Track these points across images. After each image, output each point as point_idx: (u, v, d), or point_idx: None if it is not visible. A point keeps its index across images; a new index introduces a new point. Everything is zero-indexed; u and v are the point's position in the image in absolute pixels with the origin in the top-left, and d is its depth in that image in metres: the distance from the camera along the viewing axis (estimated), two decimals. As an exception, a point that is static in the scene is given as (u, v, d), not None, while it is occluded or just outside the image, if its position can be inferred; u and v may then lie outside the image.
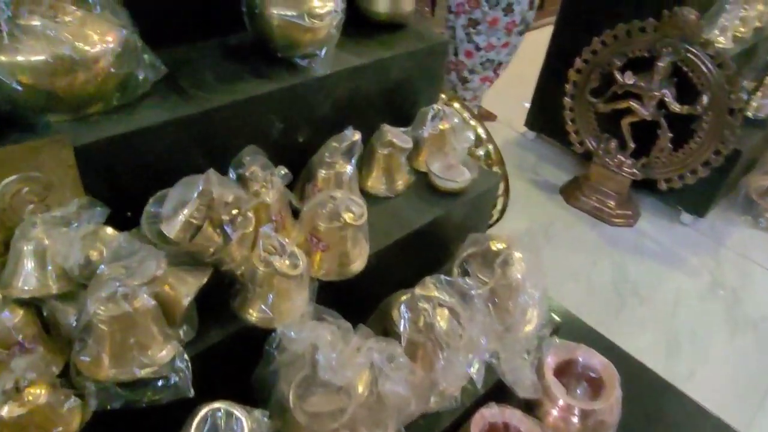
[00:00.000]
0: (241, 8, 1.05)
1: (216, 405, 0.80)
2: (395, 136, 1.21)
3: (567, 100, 2.23)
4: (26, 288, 0.78)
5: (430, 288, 1.07)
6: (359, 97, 1.17)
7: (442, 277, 1.10)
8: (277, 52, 1.08)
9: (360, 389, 0.89)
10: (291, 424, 0.88)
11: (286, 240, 0.92)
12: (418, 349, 1.04)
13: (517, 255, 1.20)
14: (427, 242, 1.24)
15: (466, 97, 2.39)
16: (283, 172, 1.01)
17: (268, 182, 0.99)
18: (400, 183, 1.25)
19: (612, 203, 2.28)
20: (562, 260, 2.05)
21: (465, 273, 1.22)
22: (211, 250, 0.86)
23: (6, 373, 0.69)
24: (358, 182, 1.16)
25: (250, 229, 0.91)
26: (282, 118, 1.07)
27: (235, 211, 0.89)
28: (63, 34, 0.78)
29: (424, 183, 1.27)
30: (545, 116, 2.59)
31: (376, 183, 1.23)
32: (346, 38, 1.15)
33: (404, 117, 1.29)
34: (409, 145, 1.22)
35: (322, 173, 1.09)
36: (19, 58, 0.75)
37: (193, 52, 1.07)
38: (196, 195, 0.84)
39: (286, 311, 0.92)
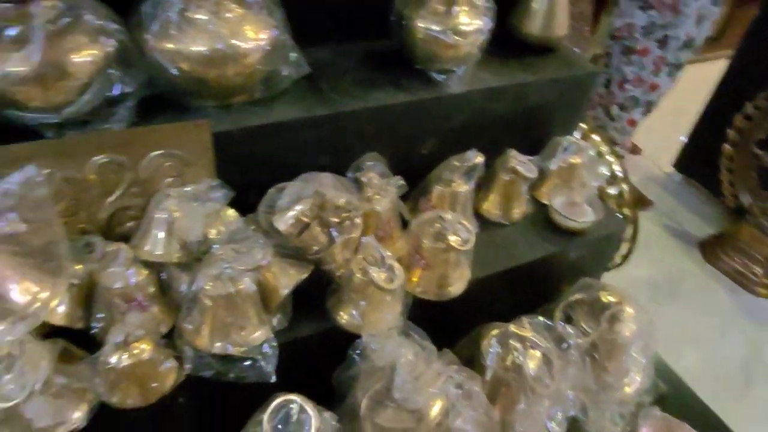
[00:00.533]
0: (390, 17, 1.07)
1: (292, 397, 0.83)
2: (520, 163, 1.16)
3: (727, 147, 2.01)
4: (153, 252, 0.86)
5: (526, 327, 1.02)
6: (491, 118, 1.15)
7: (541, 319, 1.05)
8: (416, 63, 1.08)
9: (431, 416, 0.87)
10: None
11: (388, 253, 0.92)
12: (501, 386, 1.00)
13: (629, 311, 1.11)
14: (533, 278, 1.18)
15: (613, 138, 2.23)
16: (399, 182, 1.02)
17: (383, 190, 1.01)
18: (517, 212, 1.21)
19: (759, 270, 2.02)
20: (685, 322, 1.87)
21: (568, 319, 1.15)
22: (315, 248, 0.90)
23: (120, 326, 0.78)
24: (473, 203, 1.14)
25: (356, 234, 0.93)
26: (409, 129, 1.08)
27: (344, 215, 0.91)
28: (222, 29, 0.84)
29: (542, 216, 1.22)
30: (698, 159, 2.35)
31: (491, 207, 1.20)
32: (489, 56, 1.13)
33: (535, 143, 1.24)
34: (533, 174, 1.17)
35: (438, 189, 1.09)
36: (182, 47, 0.83)
37: (336, 55, 1.11)
38: (310, 194, 0.88)
39: (375, 321, 0.93)
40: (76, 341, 0.81)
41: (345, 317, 0.94)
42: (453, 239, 0.97)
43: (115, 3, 0.83)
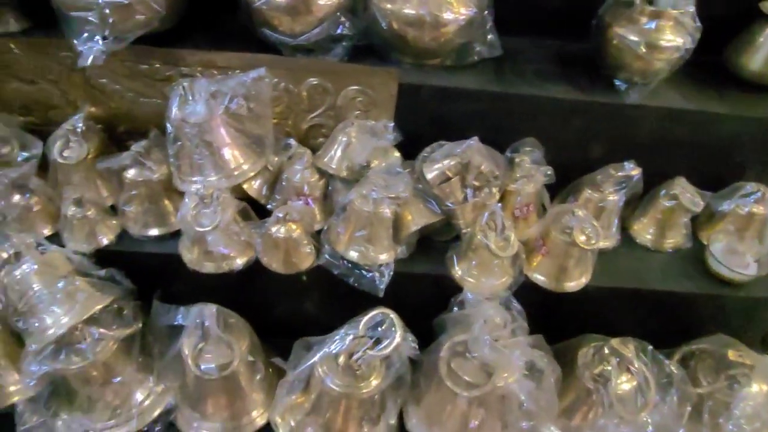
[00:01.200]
0: (591, 21, 1.12)
1: (388, 312, 0.97)
2: (686, 193, 1.13)
3: None
4: (329, 164, 1.08)
5: (629, 348, 1.02)
6: (666, 140, 1.13)
7: (651, 348, 1.03)
8: (603, 69, 1.12)
9: (498, 378, 0.94)
10: (430, 371, 1.00)
11: (508, 223, 1.01)
12: (584, 395, 1.02)
13: (759, 382, 1.03)
14: (663, 312, 1.15)
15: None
16: (548, 172, 1.09)
17: (531, 176, 1.08)
18: (670, 242, 1.17)
19: None
20: None
21: (684, 362, 1.10)
22: (450, 201, 1.02)
23: (285, 206, 1.01)
24: (620, 218, 1.15)
25: (489, 202, 1.03)
26: (577, 129, 1.13)
27: (483, 181, 1.02)
28: (432, -1, 1.00)
29: (695, 254, 1.16)
30: None
31: (642, 229, 1.19)
32: (684, 77, 1.12)
33: (711, 180, 1.18)
34: (697, 208, 1.13)
35: (587, 193, 1.12)
36: (395, 8, 1.01)
37: (530, 46, 1.20)
38: (459, 151, 1.00)
39: (480, 281, 1.03)
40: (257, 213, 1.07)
41: (458, 270, 1.05)
42: (579, 235, 1.01)
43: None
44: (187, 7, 1.02)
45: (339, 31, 1.02)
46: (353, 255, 1.02)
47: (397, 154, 1.10)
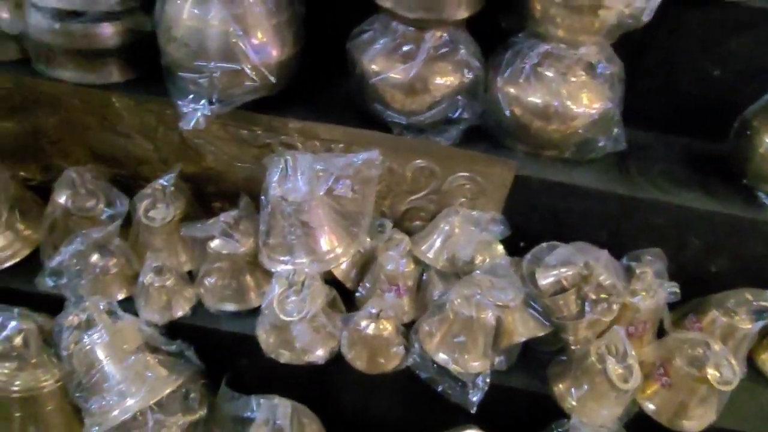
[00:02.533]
0: (732, 122, 1.01)
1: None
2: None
3: None
4: (426, 253, 0.98)
5: None
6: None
7: None
8: (744, 178, 1.00)
9: None
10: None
11: (633, 352, 0.88)
12: None
13: None
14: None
15: None
16: (674, 289, 0.96)
17: (652, 290, 0.96)
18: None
19: None
20: None
21: None
22: (563, 314, 0.91)
23: (379, 301, 0.91)
24: (749, 349, 1.00)
25: (607, 319, 0.91)
26: (705, 240, 1.00)
27: (604, 296, 0.90)
28: (562, 89, 0.91)
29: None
30: None
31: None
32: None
33: None
34: None
35: (714, 315, 0.99)
36: (522, 95, 0.92)
37: (656, 141, 1.09)
38: (580, 263, 0.89)
39: (590, 409, 0.90)
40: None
41: (562, 391, 0.93)
42: (712, 373, 0.87)
43: (486, 41, 0.96)
44: (295, 75, 0.96)
45: (455, 114, 0.94)
46: (444, 359, 0.92)
47: (501, 249, 1.00)
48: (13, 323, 0.88)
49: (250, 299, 0.97)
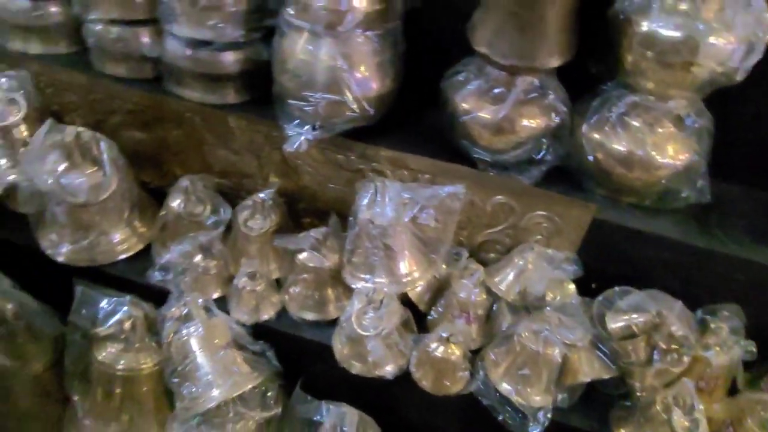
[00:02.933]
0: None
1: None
2: None
3: None
4: (498, 285, 1.03)
5: None
6: None
7: None
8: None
9: None
10: None
11: (701, 406, 0.88)
12: None
13: None
14: None
15: None
16: (750, 348, 0.95)
17: (727, 346, 0.95)
18: None
19: None
20: None
21: None
22: (630, 360, 0.92)
23: (450, 326, 0.96)
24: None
25: (676, 370, 0.91)
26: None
27: (674, 347, 0.91)
28: (648, 139, 0.93)
29: None
30: None
31: None
32: None
33: None
34: None
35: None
36: (606, 141, 0.95)
37: (742, 195, 1.08)
38: (652, 310, 0.90)
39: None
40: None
41: (624, 434, 0.94)
42: (785, 438, 0.86)
43: (575, 87, 1.00)
44: (391, 108, 1.03)
45: (540, 155, 0.98)
46: (507, 389, 0.95)
47: (572, 288, 1.02)
48: (124, 309, 1.00)
49: (329, 311, 1.04)
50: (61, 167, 1.00)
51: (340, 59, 0.92)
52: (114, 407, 1.01)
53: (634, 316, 0.92)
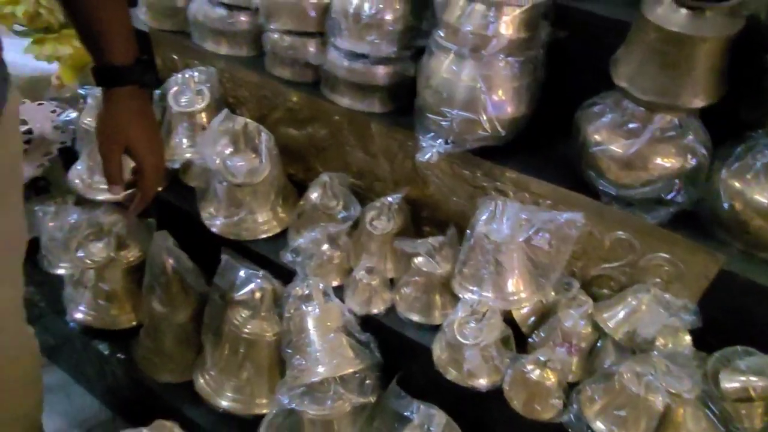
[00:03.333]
0: None
1: None
2: None
3: None
4: (607, 321, 1.01)
5: None
6: None
7: None
8: None
9: None
10: None
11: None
12: None
13: None
14: None
15: None
16: None
17: None
18: None
19: None
20: None
21: None
22: (743, 426, 0.86)
23: (549, 351, 0.97)
24: None
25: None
26: None
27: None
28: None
29: None
30: None
31: None
32: None
33: None
34: None
35: None
36: (747, 191, 0.91)
37: None
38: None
39: None
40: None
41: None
42: None
43: (717, 130, 0.96)
44: (522, 131, 1.07)
45: (670, 196, 0.95)
46: (602, 428, 0.93)
47: (688, 339, 0.97)
48: (257, 281, 1.14)
49: (434, 316, 1.10)
50: (228, 151, 1.17)
51: (480, 81, 0.98)
52: (236, 364, 1.15)
53: (753, 379, 0.86)
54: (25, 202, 0.95)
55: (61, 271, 1.35)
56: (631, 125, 0.95)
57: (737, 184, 0.92)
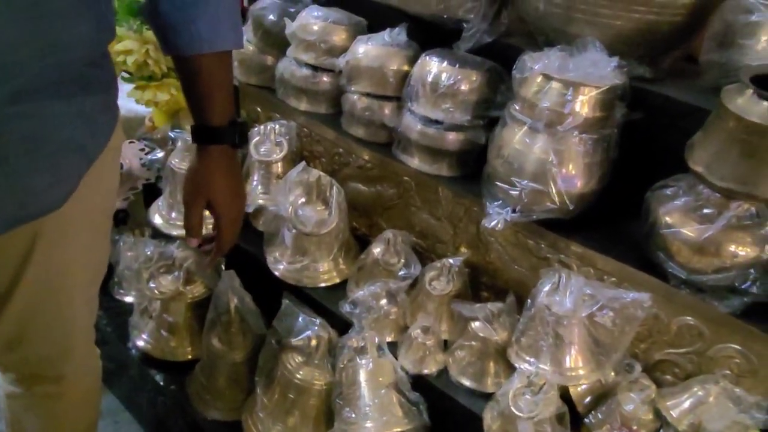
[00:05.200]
0: None
1: None
2: None
3: None
4: (670, 410, 0.96)
5: None
6: None
7: None
8: None
9: None
10: None
11: None
12: None
13: None
14: None
15: None
16: None
17: None
18: None
19: None
20: None
21: None
22: None
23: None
24: None
25: None
26: None
27: None
28: None
29: None
30: None
31: None
32: None
33: None
34: None
35: None
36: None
37: None
38: None
39: None
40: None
41: None
42: None
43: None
44: (591, 207, 1.07)
45: (744, 286, 0.93)
46: None
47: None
48: (314, 328, 1.16)
49: (487, 383, 1.08)
50: (301, 201, 1.23)
51: (552, 155, 1.00)
52: (285, 409, 1.16)
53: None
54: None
55: (130, 299, 1.41)
56: (705, 210, 0.94)
57: (817, 280, 0.89)
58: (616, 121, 1.03)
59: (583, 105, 0.97)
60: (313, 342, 1.15)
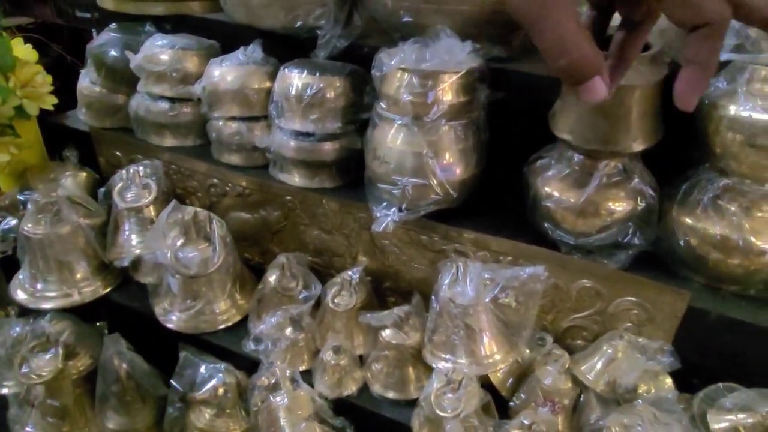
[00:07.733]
0: None
1: None
2: None
3: None
4: (586, 374, 0.98)
5: None
6: None
7: None
8: None
9: None
10: None
11: None
12: None
13: None
14: None
15: None
16: None
17: None
18: None
19: None
20: None
21: None
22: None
23: (532, 413, 0.93)
24: None
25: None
26: None
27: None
28: (745, 224, 0.89)
29: None
30: None
31: None
32: None
33: None
34: None
35: None
36: (699, 226, 0.92)
37: None
38: (764, 411, 0.82)
39: None
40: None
41: None
42: None
43: (663, 171, 0.99)
44: (474, 192, 1.08)
45: (626, 239, 0.96)
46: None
47: (669, 381, 0.95)
48: (219, 376, 1.07)
49: (410, 390, 1.05)
50: (179, 242, 1.13)
51: (425, 147, 0.99)
52: (203, 471, 1.06)
53: (741, 416, 0.84)
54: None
55: (5, 391, 1.24)
56: (578, 175, 0.96)
57: (689, 220, 0.94)
58: (481, 103, 1.03)
59: (446, 92, 0.96)
60: (221, 390, 1.06)
